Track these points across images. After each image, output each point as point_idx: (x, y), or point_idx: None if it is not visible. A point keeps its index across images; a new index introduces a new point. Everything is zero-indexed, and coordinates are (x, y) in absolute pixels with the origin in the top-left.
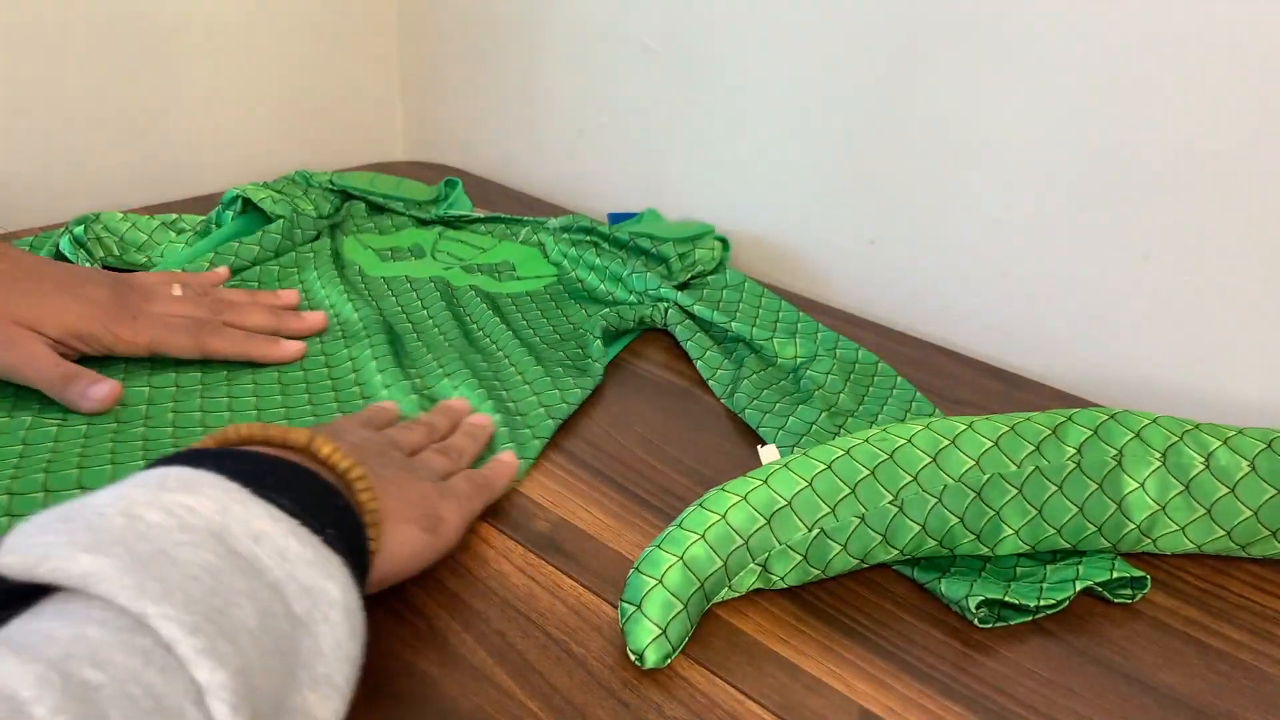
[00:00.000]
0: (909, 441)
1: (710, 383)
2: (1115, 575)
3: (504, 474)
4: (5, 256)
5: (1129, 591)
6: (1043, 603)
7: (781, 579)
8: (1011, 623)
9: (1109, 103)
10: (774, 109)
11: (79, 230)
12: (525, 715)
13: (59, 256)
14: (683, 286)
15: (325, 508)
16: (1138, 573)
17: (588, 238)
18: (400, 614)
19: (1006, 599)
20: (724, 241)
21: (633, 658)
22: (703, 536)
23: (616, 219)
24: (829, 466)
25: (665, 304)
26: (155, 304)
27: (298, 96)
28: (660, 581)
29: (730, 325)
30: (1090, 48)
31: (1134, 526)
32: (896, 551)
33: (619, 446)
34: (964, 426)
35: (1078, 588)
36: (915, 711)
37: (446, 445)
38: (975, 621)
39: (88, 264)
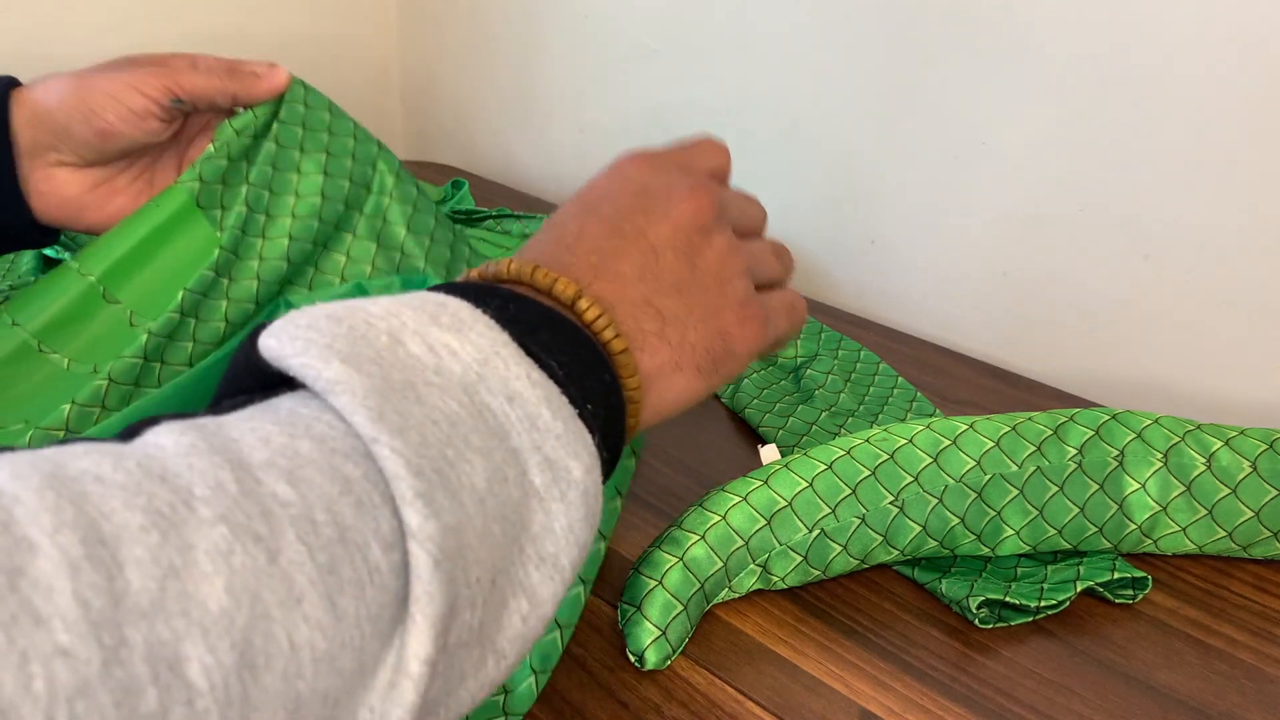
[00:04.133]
0: (910, 442)
1: None
2: (1116, 575)
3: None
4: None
5: (1130, 592)
6: (1043, 603)
7: (782, 579)
8: (1012, 623)
9: (1109, 102)
10: (773, 108)
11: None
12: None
13: (39, 257)
14: None
15: (592, 380)
16: (1139, 573)
17: None
18: None
19: (1007, 599)
20: None
21: (632, 659)
22: (703, 537)
23: None
24: (829, 467)
25: None
26: None
27: None
28: (660, 582)
29: None
30: (1090, 47)
31: (1135, 527)
32: (897, 552)
33: None
34: (965, 426)
35: (1079, 588)
36: (915, 712)
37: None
38: (976, 622)
39: (68, 258)
